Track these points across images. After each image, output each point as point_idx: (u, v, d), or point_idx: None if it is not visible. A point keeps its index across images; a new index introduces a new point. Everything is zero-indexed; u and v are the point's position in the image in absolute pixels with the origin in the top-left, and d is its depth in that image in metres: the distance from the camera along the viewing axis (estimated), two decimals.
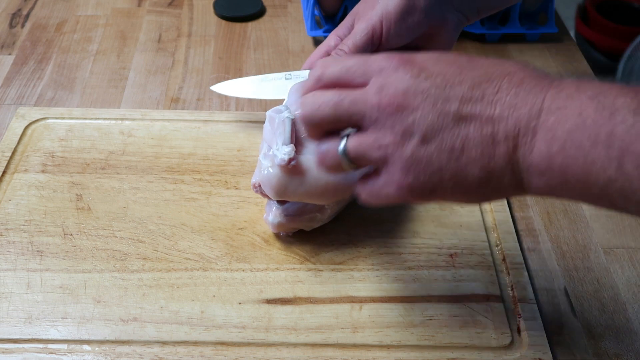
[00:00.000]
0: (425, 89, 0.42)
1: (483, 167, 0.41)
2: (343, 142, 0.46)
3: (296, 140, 0.56)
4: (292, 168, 0.54)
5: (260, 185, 0.57)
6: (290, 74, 0.66)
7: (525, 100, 0.40)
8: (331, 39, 0.63)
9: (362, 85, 0.45)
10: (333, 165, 0.47)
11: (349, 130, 0.46)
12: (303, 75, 0.64)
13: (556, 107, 0.39)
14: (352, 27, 0.61)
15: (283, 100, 0.61)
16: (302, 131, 0.57)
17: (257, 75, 0.71)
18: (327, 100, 0.46)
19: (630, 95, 0.37)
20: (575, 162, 0.38)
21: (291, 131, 0.55)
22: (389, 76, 0.44)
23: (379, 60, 0.45)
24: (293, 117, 0.56)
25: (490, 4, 0.64)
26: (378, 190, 0.45)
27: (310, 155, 0.55)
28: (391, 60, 0.45)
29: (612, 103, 0.37)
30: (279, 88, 0.67)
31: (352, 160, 0.46)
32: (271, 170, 0.55)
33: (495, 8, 0.67)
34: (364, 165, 0.46)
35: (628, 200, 0.37)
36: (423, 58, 0.45)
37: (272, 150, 0.55)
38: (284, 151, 0.54)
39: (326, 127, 0.48)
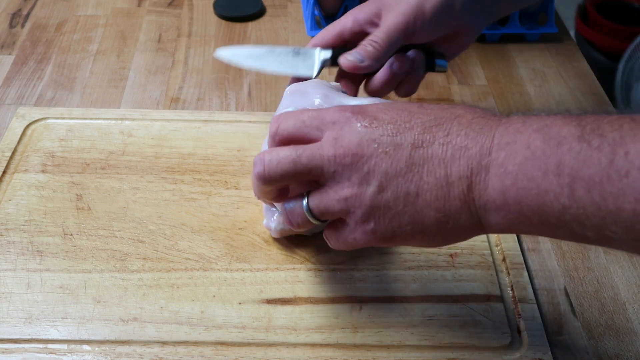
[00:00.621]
0: (378, 137, 0.44)
1: (439, 209, 0.42)
2: (305, 201, 0.47)
3: None
4: None
5: None
6: (298, 50, 0.63)
7: (475, 140, 0.41)
8: (347, 19, 0.62)
9: (317, 139, 0.46)
10: (301, 224, 0.48)
11: (309, 190, 0.47)
12: (311, 53, 0.63)
13: (505, 143, 0.40)
14: (375, 14, 0.61)
15: (286, 77, 0.60)
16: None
17: (264, 46, 0.67)
18: (284, 157, 0.46)
19: (574, 123, 0.38)
20: (529, 193, 0.39)
21: None
22: (342, 128, 0.45)
23: (332, 113, 0.46)
24: None
25: (513, 6, 0.64)
26: (345, 237, 0.46)
27: None
28: (343, 112, 0.46)
29: (558, 132, 0.38)
30: (284, 63, 0.64)
31: (316, 216, 0.47)
32: None
33: (517, 8, 0.68)
34: (329, 219, 0.47)
35: (584, 226, 0.37)
36: (374, 108, 0.46)
37: None
38: None
39: (287, 183, 0.48)
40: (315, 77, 0.63)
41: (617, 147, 0.36)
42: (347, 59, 0.61)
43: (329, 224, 0.48)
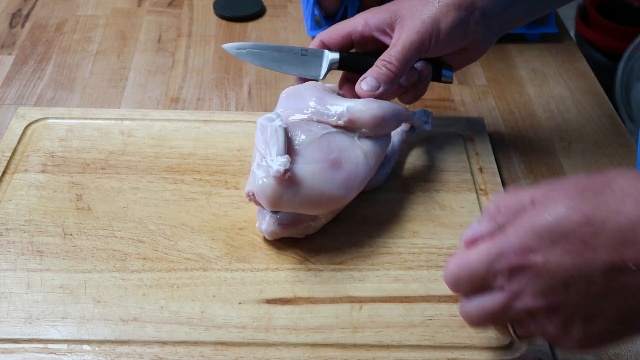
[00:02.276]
0: (560, 281, 0.41)
1: None
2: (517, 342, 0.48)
3: (288, 149, 0.55)
4: (287, 179, 0.54)
5: (254, 194, 0.57)
6: (306, 50, 0.63)
7: None
8: (359, 21, 0.61)
9: (497, 285, 0.44)
10: (497, 330, 0.48)
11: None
12: (319, 54, 0.63)
13: None
14: (388, 24, 0.60)
15: (287, 77, 0.60)
16: (294, 139, 0.57)
17: (273, 44, 0.66)
18: (485, 311, 0.45)
19: None
20: None
21: (285, 140, 0.55)
22: (519, 282, 0.42)
23: (503, 261, 0.43)
24: (286, 126, 0.56)
25: (522, 21, 0.64)
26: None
27: (304, 164, 0.55)
28: (511, 261, 0.42)
29: None
30: (292, 63, 0.64)
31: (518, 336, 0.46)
32: (265, 181, 0.54)
33: (525, 23, 0.67)
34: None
35: None
36: (536, 247, 0.41)
37: (265, 161, 0.55)
38: (279, 162, 0.53)
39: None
40: (321, 79, 0.63)
41: None
42: (363, 89, 0.60)
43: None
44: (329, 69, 0.63)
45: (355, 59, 0.63)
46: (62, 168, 0.67)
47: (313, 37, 0.88)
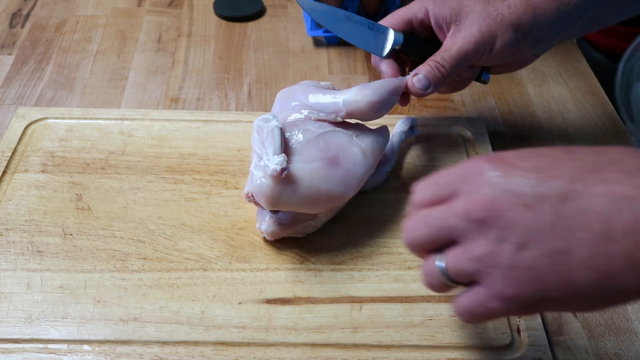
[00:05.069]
0: (515, 187, 0.38)
1: (596, 269, 0.36)
2: (440, 262, 0.42)
3: (286, 149, 0.55)
4: (285, 178, 0.54)
5: (253, 195, 0.57)
6: (373, 25, 0.63)
7: None
8: (420, 9, 0.62)
9: (453, 196, 0.42)
10: (439, 286, 0.43)
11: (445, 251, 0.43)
12: (384, 30, 0.63)
13: None
14: (447, 22, 0.61)
15: (285, 79, 0.60)
16: (291, 139, 0.57)
17: (343, 11, 0.65)
18: (419, 224, 0.43)
19: None
20: None
21: (281, 140, 0.55)
22: (475, 180, 0.40)
23: (464, 166, 0.42)
24: (282, 126, 0.56)
25: (566, 39, 0.65)
26: (478, 305, 0.40)
27: (301, 163, 0.55)
28: (475, 162, 0.41)
29: None
30: (359, 35, 0.63)
31: (452, 278, 0.42)
32: (263, 181, 0.54)
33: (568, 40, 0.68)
34: (465, 282, 0.42)
35: None
36: (512, 156, 0.41)
37: (262, 161, 0.55)
38: (276, 161, 0.53)
39: (428, 248, 0.44)
40: (384, 56, 0.63)
41: None
42: (415, 86, 0.61)
43: (461, 293, 0.43)
44: (392, 48, 0.63)
45: (417, 42, 0.64)
46: (62, 168, 0.67)
47: (313, 37, 0.88)
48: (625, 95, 1.38)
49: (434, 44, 0.63)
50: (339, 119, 0.59)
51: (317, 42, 0.88)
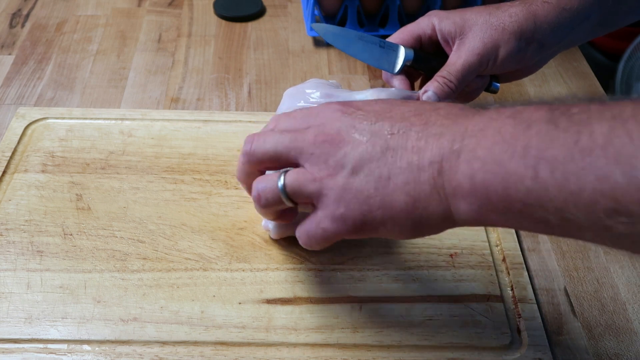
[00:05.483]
0: (357, 124, 0.45)
1: (408, 193, 0.42)
2: (281, 178, 0.47)
3: None
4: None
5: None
6: (384, 43, 0.64)
7: (449, 129, 0.42)
8: (427, 26, 0.63)
9: (307, 130, 0.48)
10: (271, 201, 0.48)
11: (287, 168, 0.48)
12: (394, 48, 0.64)
13: (478, 129, 0.41)
14: (452, 37, 0.61)
15: (285, 78, 0.60)
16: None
17: (356, 31, 0.67)
18: (270, 139, 0.48)
19: (545, 108, 0.39)
20: (495, 177, 0.39)
21: None
22: (326, 117, 0.47)
23: (320, 106, 0.48)
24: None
25: (570, 46, 0.66)
26: (315, 227, 0.46)
27: None
28: (330, 104, 0.48)
29: (529, 117, 0.39)
30: (371, 54, 0.65)
31: (289, 195, 0.47)
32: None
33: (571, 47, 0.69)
34: (301, 202, 0.47)
35: (546, 210, 0.37)
36: (361, 103, 0.47)
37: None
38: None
39: (267, 164, 0.49)
40: (396, 74, 0.64)
41: (583, 128, 0.36)
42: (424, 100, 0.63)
43: (301, 223, 0.48)
44: (403, 65, 0.63)
45: (427, 57, 0.64)
46: (62, 168, 0.67)
47: (313, 37, 0.88)
48: (626, 95, 1.38)
49: (443, 58, 0.63)
50: None
51: (317, 42, 0.88)
